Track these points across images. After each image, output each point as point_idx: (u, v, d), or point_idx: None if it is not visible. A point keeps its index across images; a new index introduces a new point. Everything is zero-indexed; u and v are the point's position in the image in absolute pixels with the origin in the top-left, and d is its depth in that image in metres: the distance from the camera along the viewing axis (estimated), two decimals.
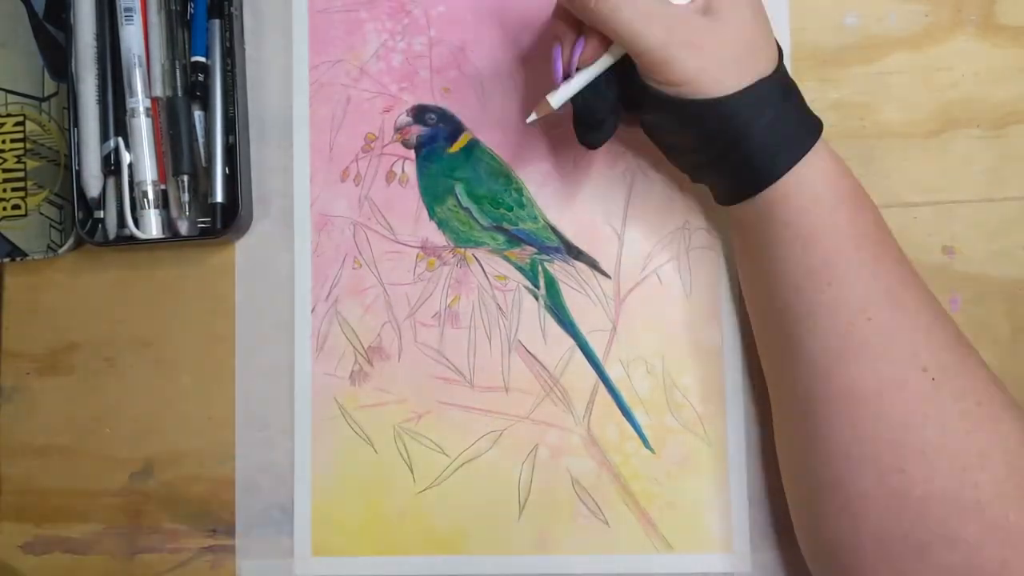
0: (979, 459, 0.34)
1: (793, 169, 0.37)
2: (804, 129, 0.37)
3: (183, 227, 0.47)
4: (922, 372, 0.35)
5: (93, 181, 0.47)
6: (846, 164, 0.38)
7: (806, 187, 0.37)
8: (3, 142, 0.49)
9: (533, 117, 0.40)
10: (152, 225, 0.47)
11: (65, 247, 0.48)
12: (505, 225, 0.47)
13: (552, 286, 0.46)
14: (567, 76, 0.39)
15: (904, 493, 0.34)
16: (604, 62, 0.39)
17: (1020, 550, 0.33)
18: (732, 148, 0.37)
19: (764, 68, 0.37)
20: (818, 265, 0.37)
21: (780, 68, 0.38)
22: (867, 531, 0.35)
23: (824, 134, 0.38)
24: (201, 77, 0.46)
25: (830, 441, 0.36)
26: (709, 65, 0.36)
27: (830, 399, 0.36)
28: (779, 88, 0.37)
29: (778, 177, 0.37)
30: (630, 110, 0.40)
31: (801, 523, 0.40)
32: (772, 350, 0.41)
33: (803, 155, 0.37)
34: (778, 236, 0.38)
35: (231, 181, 0.47)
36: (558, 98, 0.39)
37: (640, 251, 0.46)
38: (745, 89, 0.36)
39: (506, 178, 0.47)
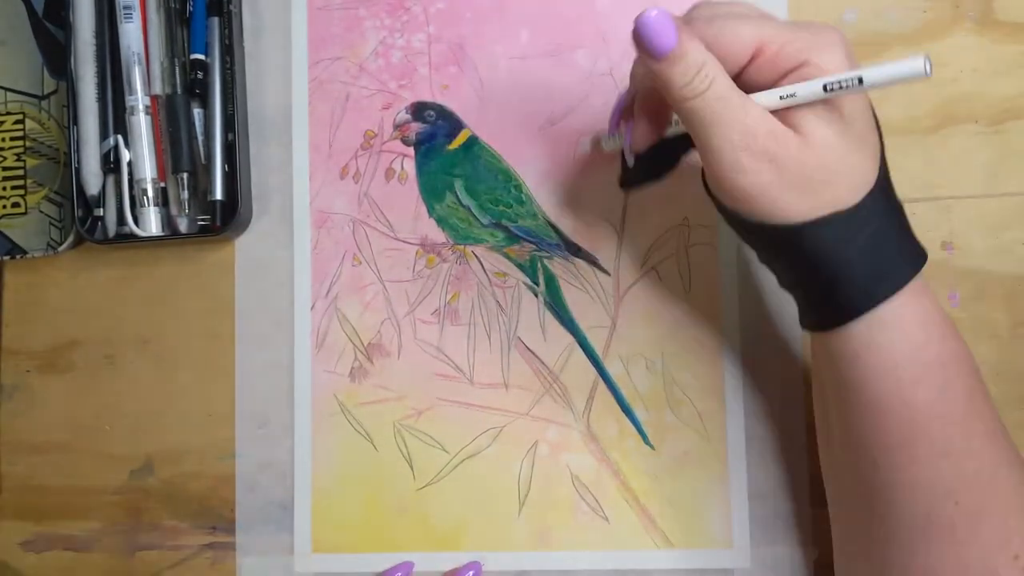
0: None
1: (872, 317, 0.32)
2: (893, 270, 0.32)
3: (183, 225, 0.47)
4: (1013, 560, 0.32)
5: (93, 179, 0.47)
6: (945, 317, 0.33)
7: (886, 348, 0.32)
8: (3, 140, 0.49)
9: (586, 147, 0.42)
10: (152, 223, 0.47)
11: (65, 245, 0.48)
12: (504, 222, 0.47)
13: (551, 283, 0.46)
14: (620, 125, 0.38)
15: None
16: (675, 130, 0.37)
17: None
18: (798, 274, 0.34)
19: (847, 197, 0.32)
20: (895, 442, 0.33)
21: (875, 195, 0.32)
22: None
23: None
24: (200, 75, 0.46)
25: None
26: (779, 185, 0.32)
27: (909, 573, 0.34)
28: (868, 218, 0.32)
29: (850, 318, 0.33)
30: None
31: None
32: (843, 500, 0.37)
33: (882, 300, 0.32)
34: (851, 397, 0.34)
35: (230, 178, 0.47)
36: (611, 145, 0.40)
37: (639, 247, 0.46)
38: (819, 221, 0.32)
39: (505, 175, 0.47)
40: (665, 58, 0.31)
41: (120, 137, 0.47)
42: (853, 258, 0.32)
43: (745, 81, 0.33)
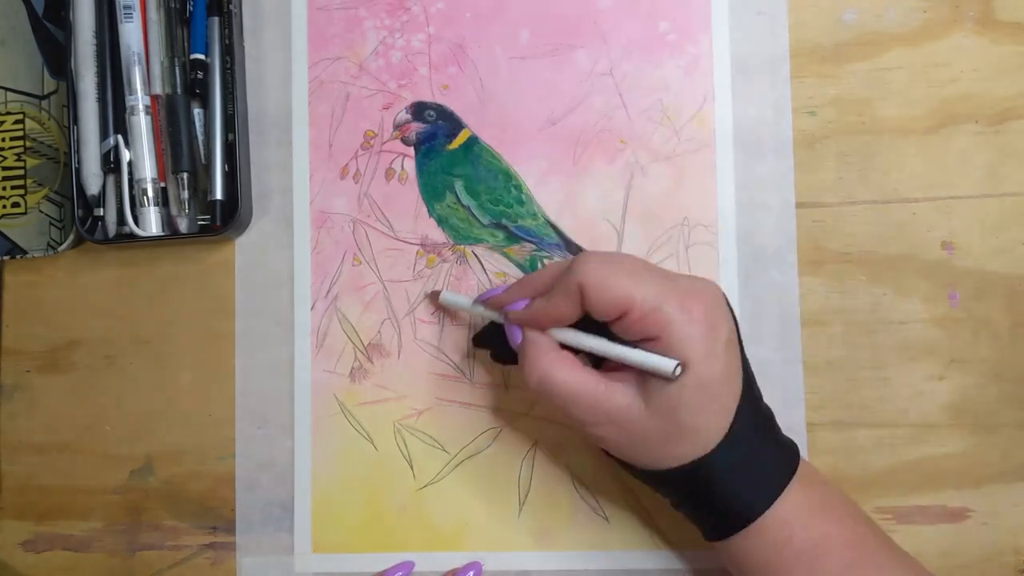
0: None
1: (738, 536, 0.37)
2: (755, 495, 0.36)
3: (183, 225, 0.47)
4: None
5: (93, 179, 0.47)
6: (819, 498, 0.38)
7: (752, 552, 0.37)
8: (3, 140, 0.49)
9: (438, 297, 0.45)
10: (152, 223, 0.47)
11: (65, 245, 0.48)
12: (504, 222, 0.47)
13: None
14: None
15: None
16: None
17: None
18: (675, 504, 0.39)
19: (692, 452, 0.36)
20: None
21: (715, 450, 0.36)
22: None
23: (822, 134, 0.37)
24: (200, 75, 0.46)
25: None
26: (629, 443, 0.37)
27: None
28: (724, 460, 0.36)
29: (721, 538, 0.38)
30: None
31: None
32: None
33: (743, 525, 0.37)
34: None
35: (231, 178, 0.47)
36: (452, 301, 0.44)
37: (639, 247, 0.46)
38: (670, 469, 0.36)
39: (505, 175, 0.47)
40: (517, 347, 0.39)
41: (120, 137, 0.47)
42: (719, 489, 0.36)
43: (614, 330, 0.37)
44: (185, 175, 0.46)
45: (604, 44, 0.47)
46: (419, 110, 0.47)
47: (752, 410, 0.37)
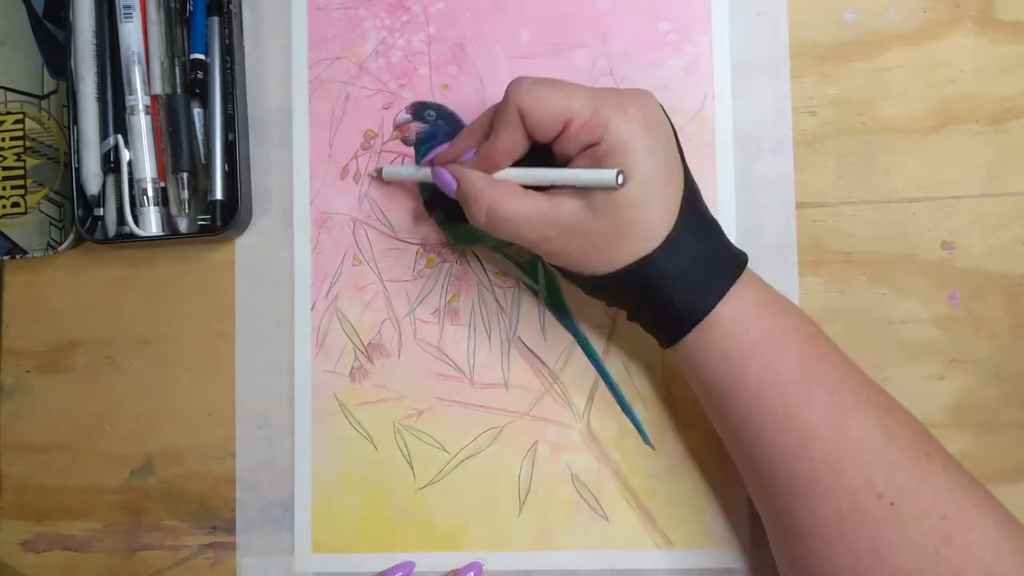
0: None
1: (692, 334, 0.37)
2: (702, 294, 0.37)
3: (183, 225, 0.47)
4: (878, 499, 0.35)
5: (93, 179, 0.47)
6: (772, 299, 0.38)
7: (709, 347, 0.37)
8: (3, 140, 0.49)
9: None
10: (152, 223, 0.47)
11: (65, 245, 0.48)
12: None
13: (552, 283, 0.46)
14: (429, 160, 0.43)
15: None
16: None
17: None
18: (629, 309, 0.40)
19: (638, 248, 0.37)
20: (742, 419, 0.37)
21: (673, 239, 0.37)
22: None
23: (822, 134, 0.38)
24: (200, 74, 0.46)
25: (808, 567, 0.36)
26: (568, 250, 0.37)
27: (796, 533, 0.37)
28: (670, 258, 0.37)
29: (675, 339, 0.38)
30: None
31: None
32: (745, 477, 0.41)
33: (696, 322, 0.37)
34: (704, 392, 0.39)
35: (231, 178, 0.47)
36: (395, 173, 0.45)
37: None
38: (618, 271, 0.37)
39: None
40: (456, 193, 0.39)
41: (120, 137, 0.47)
42: (668, 287, 0.37)
43: (557, 151, 0.38)
44: (185, 175, 0.46)
45: (604, 44, 0.47)
46: (419, 110, 0.47)
47: (696, 213, 0.38)
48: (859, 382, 0.37)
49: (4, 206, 0.49)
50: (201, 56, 0.47)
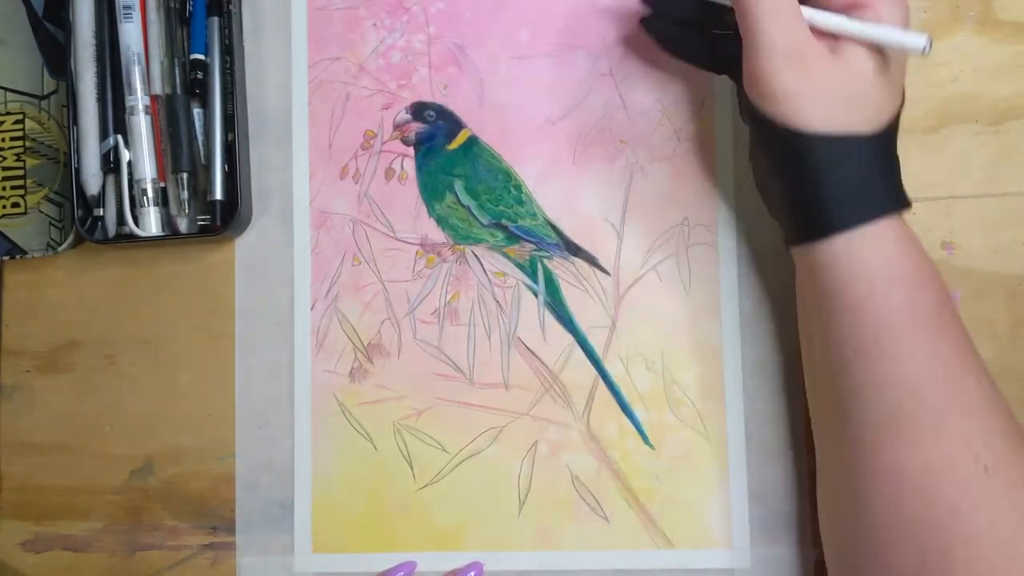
0: None
1: (854, 232, 0.35)
2: (880, 199, 0.36)
3: (182, 225, 0.47)
4: (974, 459, 0.34)
5: (92, 179, 0.47)
6: (921, 248, 0.37)
7: (864, 258, 0.36)
8: (2, 140, 0.49)
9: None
10: (152, 223, 0.47)
11: (65, 245, 0.48)
12: (504, 222, 0.47)
13: (551, 283, 0.46)
14: None
15: None
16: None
17: None
18: (799, 184, 0.37)
19: (861, 125, 0.36)
20: (868, 341, 0.36)
21: (883, 136, 0.36)
22: None
23: None
24: (200, 75, 0.46)
25: (873, 516, 0.35)
26: (807, 94, 0.35)
27: (876, 474, 0.35)
28: (872, 150, 0.36)
29: (837, 230, 0.36)
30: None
31: None
32: (821, 413, 0.40)
33: (867, 221, 0.35)
34: (830, 304, 0.37)
35: (230, 178, 0.47)
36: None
37: (639, 247, 0.46)
38: (831, 136, 0.35)
39: (505, 175, 0.47)
40: None
41: (120, 137, 0.47)
42: (851, 178, 0.36)
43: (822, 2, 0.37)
44: (185, 175, 0.46)
45: (604, 44, 0.47)
46: (419, 110, 0.47)
47: (897, 127, 0.38)
48: (973, 348, 0.37)
49: (4, 206, 0.49)
50: (201, 56, 0.47)
